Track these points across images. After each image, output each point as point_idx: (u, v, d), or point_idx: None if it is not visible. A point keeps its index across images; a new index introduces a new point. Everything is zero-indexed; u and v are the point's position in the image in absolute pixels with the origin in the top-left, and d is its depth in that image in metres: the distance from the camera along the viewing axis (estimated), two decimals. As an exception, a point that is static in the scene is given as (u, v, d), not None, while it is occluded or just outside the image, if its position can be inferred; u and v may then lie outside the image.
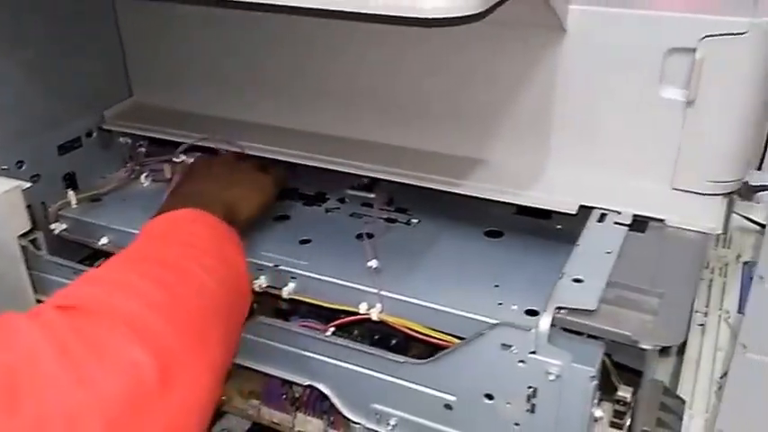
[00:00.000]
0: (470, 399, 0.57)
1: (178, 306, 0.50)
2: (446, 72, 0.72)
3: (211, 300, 0.54)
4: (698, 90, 0.60)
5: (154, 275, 0.52)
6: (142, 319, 0.47)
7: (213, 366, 0.51)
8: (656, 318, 0.52)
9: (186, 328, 0.49)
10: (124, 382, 0.43)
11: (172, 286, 0.51)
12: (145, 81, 0.93)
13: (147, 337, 0.46)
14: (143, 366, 0.44)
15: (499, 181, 0.70)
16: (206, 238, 0.59)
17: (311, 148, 0.79)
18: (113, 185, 0.88)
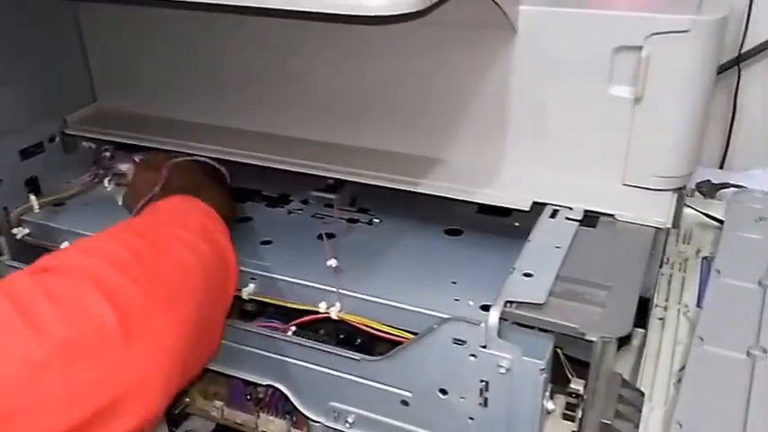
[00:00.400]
0: (426, 394, 0.58)
1: (149, 271, 0.52)
2: (404, 75, 0.73)
3: (187, 272, 0.56)
4: (645, 87, 0.61)
5: (130, 244, 0.54)
6: (108, 278, 0.49)
7: (185, 333, 0.52)
8: (603, 310, 0.53)
9: (155, 291, 0.51)
10: (83, 328, 0.45)
11: (145, 253, 0.53)
12: (108, 86, 0.93)
13: (110, 293, 0.47)
14: (104, 316, 0.46)
15: (456, 180, 0.71)
16: (195, 219, 0.62)
17: (274, 150, 0.79)
18: (77, 190, 0.87)
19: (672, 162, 0.65)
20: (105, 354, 0.45)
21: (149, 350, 0.48)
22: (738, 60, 1.41)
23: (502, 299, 0.54)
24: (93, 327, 0.45)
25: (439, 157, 0.74)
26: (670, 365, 0.84)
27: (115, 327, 0.46)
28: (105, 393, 0.45)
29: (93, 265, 0.50)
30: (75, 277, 0.48)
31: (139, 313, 0.48)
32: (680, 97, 0.62)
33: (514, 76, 0.67)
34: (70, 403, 0.43)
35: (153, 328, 0.49)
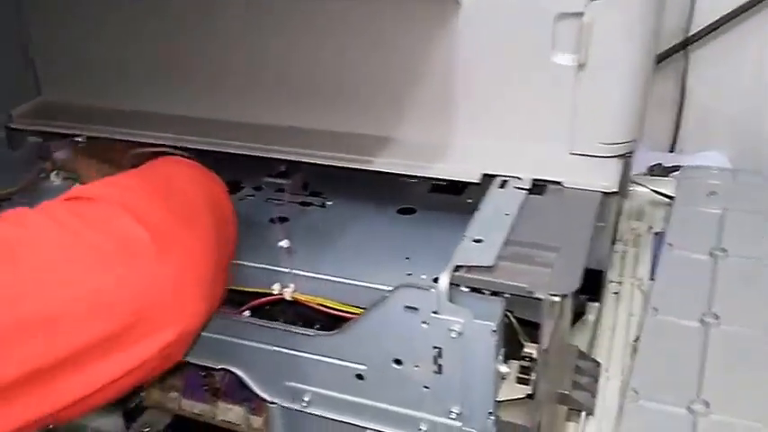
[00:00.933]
0: (380, 366, 0.58)
1: (170, 197, 0.56)
2: (350, 53, 0.73)
3: (200, 202, 0.58)
4: (587, 54, 0.62)
5: (145, 177, 0.59)
6: (136, 202, 0.52)
7: (211, 254, 0.55)
8: (551, 270, 0.53)
9: (180, 213, 0.54)
10: (118, 244, 0.49)
11: (162, 184, 0.58)
12: (53, 79, 0.91)
13: (140, 215, 0.51)
14: (138, 235, 0.49)
15: (407, 156, 0.71)
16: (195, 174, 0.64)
17: (223, 135, 0.78)
18: (23, 184, 0.85)
19: (616, 128, 0.66)
20: (141, 267, 0.49)
21: (182, 264, 0.51)
22: (685, 45, 1.44)
23: (452, 264, 0.54)
24: (128, 242, 0.49)
25: (388, 135, 0.74)
26: (625, 337, 0.85)
27: (148, 242, 0.49)
28: (145, 303, 0.48)
29: (119, 192, 0.53)
30: (105, 203, 0.52)
31: (168, 231, 0.52)
32: (622, 63, 0.63)
33: (459, 49, 0.67)
34: (110, 311, 0.46)
35: (183, 245, 0.52)
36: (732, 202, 0.98)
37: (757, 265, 0.87)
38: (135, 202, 0.52)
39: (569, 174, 0.65)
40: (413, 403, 0.58)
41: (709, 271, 0.86)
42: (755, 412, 0.67)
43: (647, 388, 0.71)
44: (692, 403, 0.68)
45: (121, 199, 0.52)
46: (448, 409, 0.56)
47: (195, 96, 0.82)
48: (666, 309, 0.81)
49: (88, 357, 0.46)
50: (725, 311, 0.80)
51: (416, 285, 0.54)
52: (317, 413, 0.62)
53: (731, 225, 0.94)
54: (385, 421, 0.60)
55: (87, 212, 0.50)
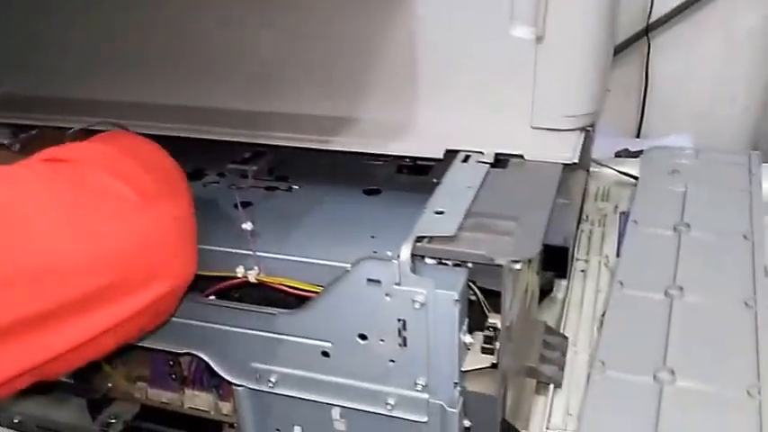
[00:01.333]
0: (346, 342, 0.57)
1: (145, 161, 0.56)
2: (308, 34, 0.72)
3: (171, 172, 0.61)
4: (546, 26, 0.63)
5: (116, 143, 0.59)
6: (116, 164, 0.54)
7: (190, 213, 0.58)
8: (511, 238, 0.54)
9: (157, 176, 0.56)
10: (108, 200, 0.51)
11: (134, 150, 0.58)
12: (11, 71, 0.89)
13: (123, 176, 0.52)
14: (124, 193, 0.52)
15: (370, 135, 0.71)
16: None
17: (184, 120, 0.77)
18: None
19: (576, 101, 0.67)
20: (131, 220, 0.51)
21: (167, 218, 0.53)
22: (647, 31, 1.46)
23: (413, 235, 0.54)
24: (115, 199, 0.51)
25: (351, 116, 0.74)
26: (593, 312, 0.86)
27: (134, 198, 0.51)
28: (135, 257, 0.50)
29: (95, 154, 0.55)
30: (84, 164, 0.52)
31: (151, 188, 0.53)
32: (580, 35, 0.63)
33: (419, 26, 0.67)
34: (102, 264, 0.48)
35: (167, 202, 0.54)
36: (694, 180, 1.00)
37: (719, 238, 0.89)
38: (114, 162, 0.54)
39: (531, 147, 0.65)
40: (379, 378, 0.58)
41: (672, 245, 0.88)
42: (718, 378, 0.68)
43: (613, 359, 0.72)
44: (658, 372, 0.69)
45: (100, 160, 0.53)
46: (414, 382, 0.56)
47: (153, 83, 0.81)
48: (632, 283, 0.82)
49: (81, 308, 0.48)
50: (688, 283, 0.81)
51: (378, 257, 0.53)
52: (284, 393, 0.62)
53: (693, 201, 0.95)
54: (353, 397, 0.60)
55: (68, 172, 0.51)
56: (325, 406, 0.61)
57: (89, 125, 0.72)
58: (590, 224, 1.01)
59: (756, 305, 0.77)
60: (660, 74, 1.51)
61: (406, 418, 0.58)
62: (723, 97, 1.48)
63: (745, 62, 1.43)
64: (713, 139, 1.47)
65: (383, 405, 0.58)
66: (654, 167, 1.04)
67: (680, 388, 0.68)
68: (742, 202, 0.94)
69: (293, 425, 0.64)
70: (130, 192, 0.52)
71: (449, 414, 0.57)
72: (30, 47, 0.87)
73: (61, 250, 0.47)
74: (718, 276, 0.82)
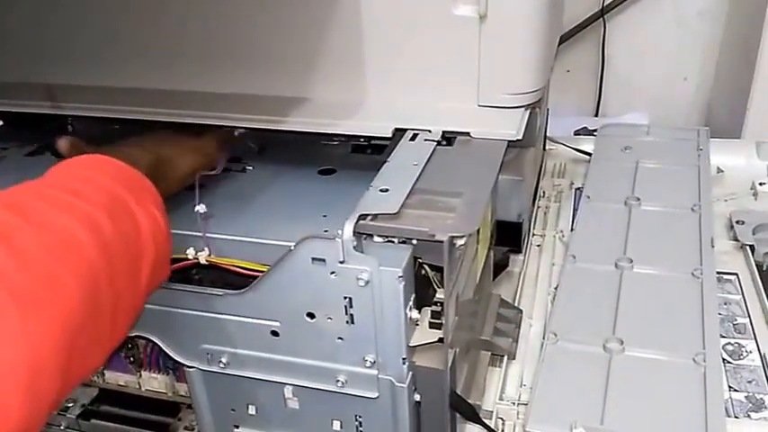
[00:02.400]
0: (294, 321, 0.58)
1: (17, 256, 0.42)
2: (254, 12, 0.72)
3: (73, 250, 0.45)
4: (488, 4, 0.63)
5: (3, 221, 0.44)
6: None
7: (65, 325, 0.42)
8: (454, 214, 0.54)
9: (22, 279, 0.41)
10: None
11: (15, 228, 0.44)
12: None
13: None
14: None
15: (319, 115, 0.71)
16: (96, 184, 0.51)
17: (135, 102, 0.76)
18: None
19: (521, 78, 0.67)
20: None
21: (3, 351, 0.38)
22: (602, 13, 1.48)
23: (356, 212, 0.54)
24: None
25: (300, 96, 0.74)
26: (548, 285, 0.88)
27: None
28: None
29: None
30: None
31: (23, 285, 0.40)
32: (522, 12, 0.64)
33: (365, 4, 0.67)
34: None
35: (7, 333, 0.39)
36: (645, 155, 1.02)
37: (668, 211, 0.91)
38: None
39: (477, 124, 0.66)
40: (329, 355, 0.58)
41: (624, 219, 0.90)
42: (666, 347, 0.70)
43: (565, 330, 0.74)
44: (608, 342, 0.71)
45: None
46: (363, 359, 0.57)
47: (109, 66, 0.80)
48: (584, 256, 0.84)
49: None
50: (638, 256, 0.83)
51: (321, 236, 0.54)
52: (235, 373, 0.62)
53: (644, 176, 0.98)
54: (303, 376, 0.60)
55: None
56: (278, 385, 0.62)
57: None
58: (546, 200, 1.03)
59: (703, 276, 0.79)
60: (616, 55, 1.53)
61: (358, 395, 0.59)
62: (676, 77, 1.50)
63: (696, 43, 1.46)
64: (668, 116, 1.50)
65: (334, 382, 0.59)
66: (607, 144, 1.06)
67: (629, 357, 0.70)
68: (691, 177, 0.96)
69: (247, 404, 0.64)
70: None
71: (398, 389, 0.58)
72: None
73: None
74: (667, 248, 0.84)
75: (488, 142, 0.65)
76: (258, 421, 0.65)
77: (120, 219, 0.50)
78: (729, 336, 0.78)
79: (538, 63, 0.68)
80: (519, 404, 0.72)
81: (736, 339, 0.78)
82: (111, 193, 0.51)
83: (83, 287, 0.44)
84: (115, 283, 0.47)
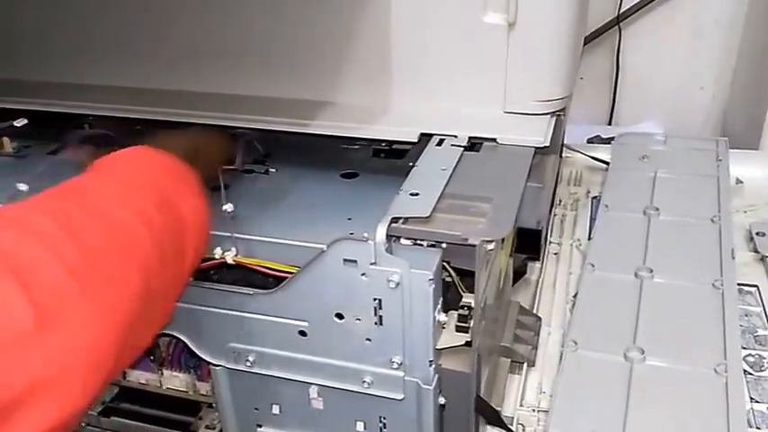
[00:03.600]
0: (322, 321, 0.58)
1: (83, 249, 0.45)
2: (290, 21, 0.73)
3: (132, 243, 0.49)
4: (517, 12, 0.64)
5: (66, 214, 0.47)
6: (33, 263, 0.42)
7: (122, 317, 0.46)
8: (485, 219, 0.55)
9: (86, 270, 0.44)
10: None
11: (82, 230, 0.46)
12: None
13: (30, 281, 0.41)
14: (17, 309, 0.40)
15: (346, 119, 0.72)
16: (148, 177, 0.54)
17: (162, 104, 0.77)
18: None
19: (547, 86, 0.68)
20: (15, 344, 0.40)
21: (68, 338, 0.42)
22: (618, 21, 1.48)
23: (388, 215, 0.55)
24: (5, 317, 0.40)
25: (328, 100, 0.74)
26: (565, 293, 0.88)
27: (28, 318, 0.40)
28: (14, 384, 0.39)
29: (20, 249, 0.43)
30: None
31: (62, 301, 0.42)
32: (550, 21, 0.64)
33: (394, 11, 0.68)
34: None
35: (74, 316, 0.43)
36: (663, 165, 1.02)
37: (687, 221, 0.91)
38: (29, 256, 0.42)
39: (503, 131, 0.67)
40: (356, 356, 0.59)
41: (642, 228, 0.90)
42: (687, 357, 0.70)
43: (585, 338, 0.74)
44: (628, 350, 0.71)
45: (17, 258, 0.42)
46: (390, 360, 0.57)
47: (130, 66, 0.81)
48: (603, 264, 0.84)
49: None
50: (658, 265, 0.83)
51: (354, 238, 0.54)
52: (261, 372, 0.62)
53: (662, 186, 0.98)
54: (330, 376, 0.60)
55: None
56: (303, 384, 0.62)
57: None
58: (563, 208, 1.03)
59: (723, 286, 0.79)
60: (631, 63, 1.53)
61: (383, 396, 0.59)
62: (692, 86, 1.50)
63: (712, 52, 1.46)
64: (683, 126, 1.50)
65: (360, 383, 0.59)
66: (624, 153, 1.07)
67: (649, 366, 0.70)
68: (710, 187, 0.96)
69: (271, 404, 0.65)
70: (28, 312, 0.40)
71: (424, 391, 0.58)
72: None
73: None
74: (687, 259, 0.84)
75: (515, 148, 0.65)
76: (281, 421, 0.65)
77: (167, 211, 0.53)
78: (750, 347, 0.79)
79: (564, 71, 0.68)
80: (539, 411, 0.72)
81: (757, 351, 0.78)
82: (158, 187, 0.54)
83: (142, 277, 0.48)
84: (166, 271, 0.51)
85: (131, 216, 0.50)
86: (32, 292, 0.41)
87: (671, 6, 1.45)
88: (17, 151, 0.85)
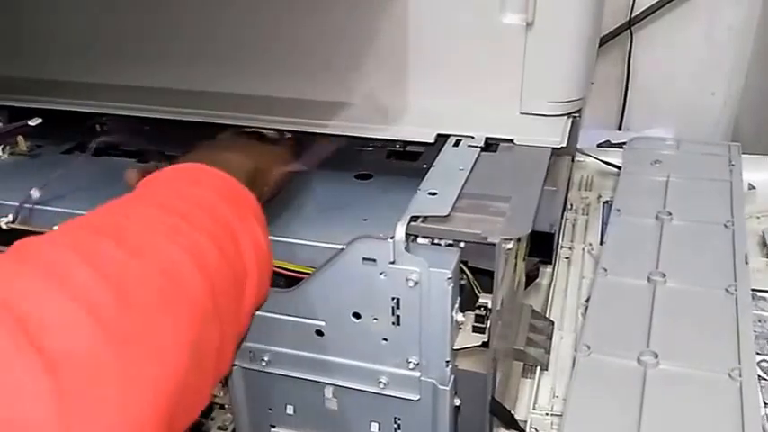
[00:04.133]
0: (339, 321, 0.58)
1: (121, 301, 0.36)
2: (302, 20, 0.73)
3: (179, 293, 0.40)
4: (535, 12, 0.64)
5: (99, 251, 0.38)
6: (55, 320, 0.33)
7: (161, 380, 0.36)
8: (504, 218, 0.55)
9: (121, 333, 0.35)
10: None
11: (120, 274, 0.37)
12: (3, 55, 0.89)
13: (51, 347, 0.32)
14: (30, 390, 0.31)
15: (362, 120, 0.72)
16: (205, 204, 0.46)
17: (180, 103, 0.77)
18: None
19: (564, 87, 0.68)
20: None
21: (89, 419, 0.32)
22: (629, 25, 1.48)
23: (407, 214, 0.54)
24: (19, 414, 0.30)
25: (343, 101, 0.74)
26: (577, 298, 0.87)
27: (48, 405, 0.31)
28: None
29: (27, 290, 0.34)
30: (4, 326, 0.32)
31: (92, 375, 0.33)
32: (569, 21, 0.64)
33: (411, 12, 0.68)
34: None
35: (110, 397, 0.33)
36: (676, 170, 1.02)
37: (700, 227, 0.91)
38: (47, 310, 0.33)
39: (520, 132, 0.67)
40: (372, 356, 0.58)
41: (655, 233, 0.90)
42: (701, 361, 0.70)
43: (598, 342, 0.73)
44: (642, 355, 0.71)
45: (22, 309, 0.33)
46: (406, 360, 0.57)
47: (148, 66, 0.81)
48: (615, 269, 0.84)
49: None
50: (671, 270, 0.83)
51: (374, 236, 0.54)
52: (277, 372, 0.62)
53: (675, 191, 0.98)
54: (346, 376, 0.60)
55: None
56: (318, 384, 0.62)
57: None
58: (574, 212, 1.03)
59: (737, 291, 0.79)
60: (642, 68, 1.53)
61: (399, 396, 0.59)
62: (703, 91, 1.50)
63: (724, 58, 1.46)
64: (694, 132, 1.50)
65: (376, 383, 0.59)
66: (636, 157, 1.06)
67: (663, 370, 0.70)
68: (723, 192, 0.96)
69: (285, 404, 0.65)
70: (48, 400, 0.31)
71: (440, 391, 0.58)
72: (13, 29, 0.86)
73: None
74: (701, 263, 0.84)
75: (532, 149, 0.65)
76: (296, 421, 0.65)
77: (225, 243, 0.45)
78: (764, 353, 0.78)
79: (581, 72, 0.68)
80: (552, 414, 0.72)
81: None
82: (215, 214, 0.46)
83: (190, 337, 0.39)
84: (220, 321, 0.43)
85: (181, 255, 0.41)
86: (54, 364, 0.31)
87: (683, 11, 1.45)
88: (30, 150, 0.85)
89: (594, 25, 0.68)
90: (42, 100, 0.82)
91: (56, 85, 0.85)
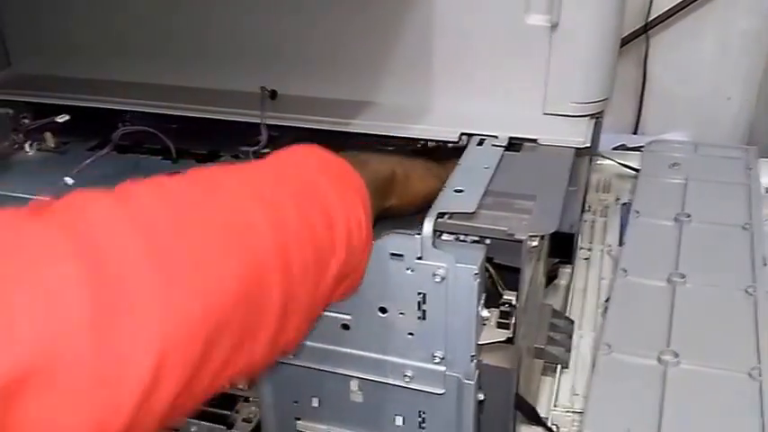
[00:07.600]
0: (366, 315, 0.59)
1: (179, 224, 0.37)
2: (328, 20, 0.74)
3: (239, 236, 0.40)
4: (560, 13, 0.65)
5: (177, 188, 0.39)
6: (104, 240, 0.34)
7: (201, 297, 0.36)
8: (530, 215, 0.56)
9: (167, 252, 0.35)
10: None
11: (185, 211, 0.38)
12: (23, 50, 0.90)
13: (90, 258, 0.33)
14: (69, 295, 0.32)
15: (386, 118, 0.73)
16: (299, 170, 0.47)
17: (199, 101, 0.79)
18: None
19: (588, 88, 0.69)
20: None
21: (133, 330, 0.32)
22: (646, 29, 1.49)
23: (434, 210, 0.55)
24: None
25: (368, 100, 0.76)
26: (597, 298, 0.88)
27: (84, 320, 0.31)
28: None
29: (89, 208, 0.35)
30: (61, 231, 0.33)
31: (130, 298, 0.33)
32: (593, 23, 0.65)
33: (436, 12, 0.69)
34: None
35: (147, 303, 0.33)
36: (694, 173, 1.02)
37: (719, 228, 0.91)
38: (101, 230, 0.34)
39: (544, 132, 0.67)
40: (398, 350, 0.59)
41: (674, 235, 0.90)
42: (721, 360, 0.71)
43: (618, 342, 0.74)
44: (662, 354, 0.71)
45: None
46: (432, 355, 0.58)
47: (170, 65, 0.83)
48: (635, 270, 0.85)
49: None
50: (690, 271, 0.83)
51: (402, 232, 0.55)
52: (303, 365, 0.63)
53: (693, 193, 0.98)
54: (371, 370, 0.61)
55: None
56: (344, 378, 0.63)
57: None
58: (592, 214, 1.04)
59: (756, 292, 0.79)
60: (659, 71, 1.53)
61: (423, 390, 0.60)
62: (719, 95, 1.50)
63: (740, 62, 1.46)
64: (709, 136, 1.50)
65: (401, 377, 0.60)
66: (654, 160, 1.07)
67: (684, 370, 0.70)
68: (741, 195, 0.97)
69: (311, 396, 0.66)
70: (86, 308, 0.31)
71: (465, 386, 0.58)
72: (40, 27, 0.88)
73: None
74: (719, 265, 0.85)
75: (556, 149, 0.66)
76: (321, 414, 0.66)
77: (311, 211, 0.44)
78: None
79: (604, 73, 0.69)
80: (573, 412, 0.73)
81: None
82: (307, 182, 0.46)
83: (242, 285, 0.38)
84: (288, 283, 0.42)
85: (253, 203, 0.41)
86: (97, 273, 0.32)
87: (699, 16, 1.45)
88: (57, 147, 0.86)
89: (617, 27, 0.69)
90: (68, 97, 0.83)
91: (82, 82, 0.86)
